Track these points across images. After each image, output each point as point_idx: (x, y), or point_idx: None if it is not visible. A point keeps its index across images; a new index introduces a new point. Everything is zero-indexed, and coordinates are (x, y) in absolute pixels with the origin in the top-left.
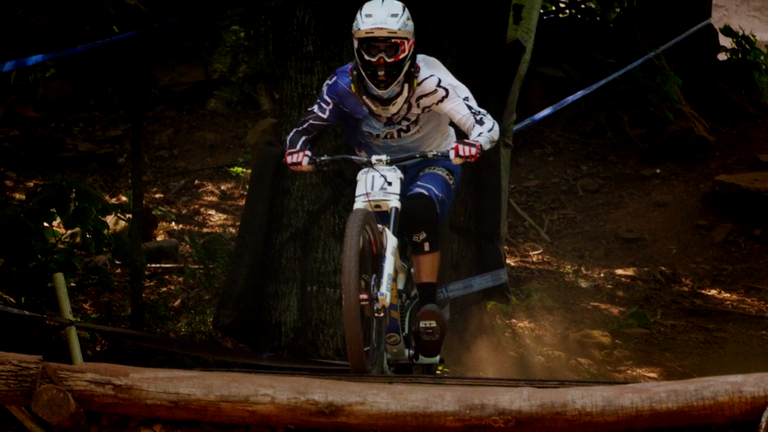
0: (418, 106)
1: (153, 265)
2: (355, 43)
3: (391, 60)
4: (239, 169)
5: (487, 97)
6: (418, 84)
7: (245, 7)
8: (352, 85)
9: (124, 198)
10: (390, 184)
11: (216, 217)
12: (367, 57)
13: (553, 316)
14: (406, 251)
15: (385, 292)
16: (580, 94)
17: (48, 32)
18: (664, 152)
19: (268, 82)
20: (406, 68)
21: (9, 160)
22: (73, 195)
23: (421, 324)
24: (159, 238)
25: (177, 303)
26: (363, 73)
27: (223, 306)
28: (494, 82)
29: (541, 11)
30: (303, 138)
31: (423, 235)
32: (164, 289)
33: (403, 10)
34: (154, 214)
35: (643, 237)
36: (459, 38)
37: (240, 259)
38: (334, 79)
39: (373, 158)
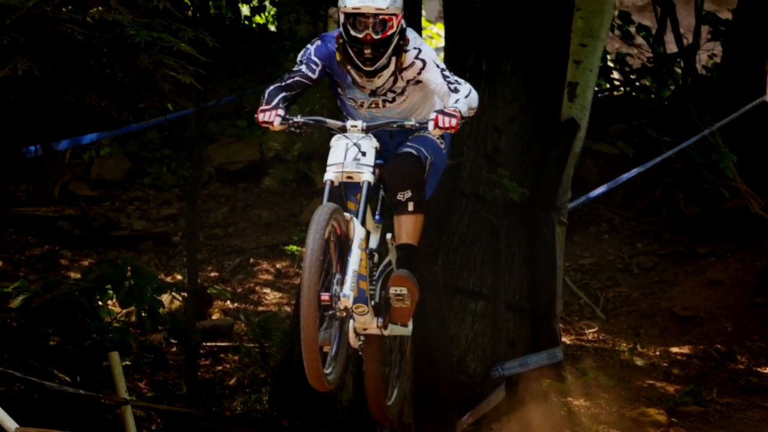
0: (402, 78)
1: (208, 344)
2: (341, 18)
3: (379, 37)
4: (294, 248)
5: (542, 175)
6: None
7: None
8: (338, 54)
9: (179, 276)
10: (364, 154)
11: (271, 296)
12: (353, 33)
13: (609, 394)
14: (382, 209)
15: (348, 292)
16: (635, 171)
17: (103, 111)
18: (719, 230)
19: (322, 161)
20: (394, 44)
21: (64, 239)
22: (129, 273)
23: (392, 290)
24: (214, 317)
25: (232, 381)
26: (349, 49)
27: (279, 384)
28: (549, 160)
29: (596, 89)
30: (282, 95)
31: (408, 194)
32: (220, 367)
33: None
34: (210, 292)
35: (699, 315)
36: (514, 116)
37: (295, 338)
38: (321, 42)
39: (348, 123)
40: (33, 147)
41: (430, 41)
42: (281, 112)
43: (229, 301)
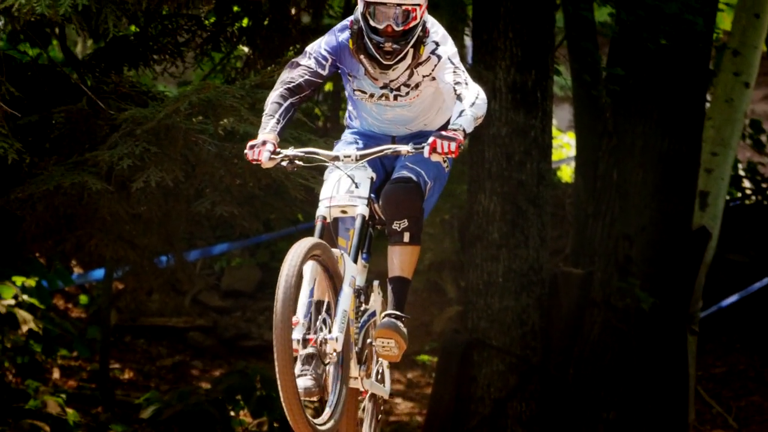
0: (418, 73)
1: None
2: (361, 6)
3: (400, 29)
4: (426, 357)
5: (674, 284)
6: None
7: None
8: (351, 41)
9: None
10: (357, 186)
11: (402, 406)
12: (373, 23)
13: None
14: (370, 247)
15: (338, 334)
16: (767, 280)
17: (234, 221)
18: None
19: (453, 270)
20: (415, 36)
21: (195, 350)
22: (258, 383)
23: (378, 341)
24: None
25: None
26: (368, 42)
27: None
28: (681, 269)
29: (727, 198)
30: (285, 104)
31: (405, 224)
32: None
33: None
34: None
35: None
36: (645, 225)
37: None
38: (332, 34)
39: (341, 153)
40: (165, 257)
41: (560, 151)
42: (270, 147)
43: (360, 411)
